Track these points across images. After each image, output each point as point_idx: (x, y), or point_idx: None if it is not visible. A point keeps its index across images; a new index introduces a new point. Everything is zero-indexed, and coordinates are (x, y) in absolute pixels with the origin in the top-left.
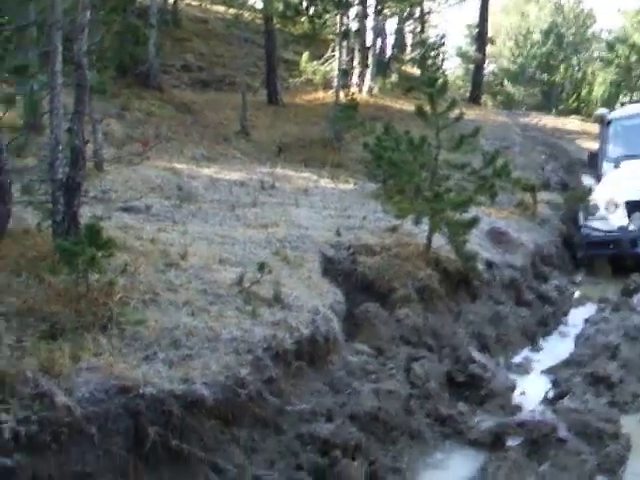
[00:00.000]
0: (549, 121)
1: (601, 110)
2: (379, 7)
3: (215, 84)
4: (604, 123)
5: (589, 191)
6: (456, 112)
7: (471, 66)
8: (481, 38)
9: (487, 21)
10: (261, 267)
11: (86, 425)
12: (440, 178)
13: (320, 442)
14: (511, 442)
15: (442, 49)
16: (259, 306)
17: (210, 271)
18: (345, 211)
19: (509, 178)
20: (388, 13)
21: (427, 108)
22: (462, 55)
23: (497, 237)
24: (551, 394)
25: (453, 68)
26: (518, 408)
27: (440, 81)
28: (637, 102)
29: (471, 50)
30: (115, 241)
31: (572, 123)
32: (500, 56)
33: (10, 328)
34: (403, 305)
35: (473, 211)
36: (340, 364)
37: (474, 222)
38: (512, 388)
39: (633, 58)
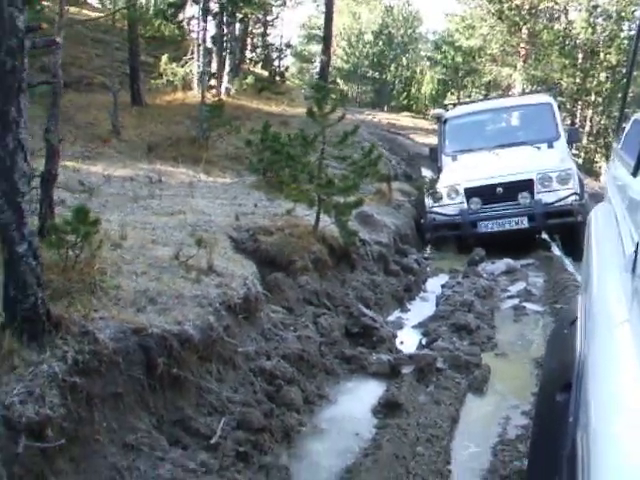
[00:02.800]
0: (383, 117)
1: (438, 110)
2: (233, 11)
3: (74, 85)
4: (441, 122)
5: (437, 179)
6: (339, 114)
7: (304, 64)
8: (326, 39)
9: (332, 22)
10: (198, 242)
11: (116, 356)
12: (326, 168)
13: (267, 374)
14: (404, 371)
15: (286, 50)
16: (199, 274)
17: (148, 250)
18: (235, 200)
19: (378, 168)
20: (238, 17)
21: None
22: (296, 55)
23: (364, 219)
24: (424, 341)
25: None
26: (402, 350)
27: (324, 89)
28: (468, 103)
29: (306, 49)
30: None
31: (405, 119)
32: (333, 55)
33: None
34: (302, 274)
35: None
36: (266, 319)
37: (360, 203)
38: (394, 337)
39: (459, 59)
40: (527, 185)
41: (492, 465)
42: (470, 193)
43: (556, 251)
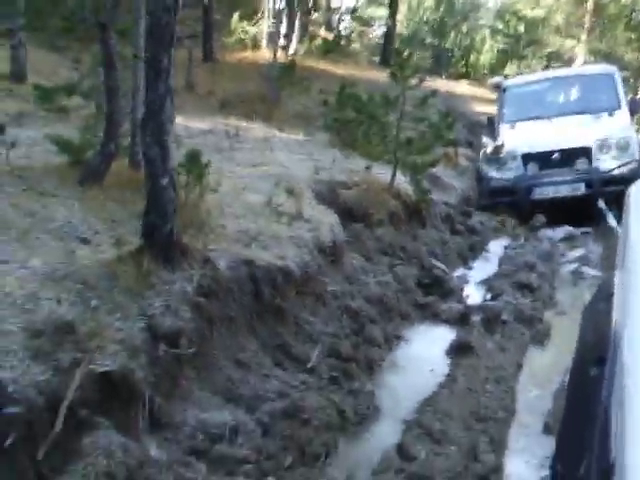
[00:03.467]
0: (441, 85)
1: (497, 78)
2: None
3: None
4: (500, 89)
5: (502, 145)
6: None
7: (364, 28)
8: (393, 3)
9: None
10: (289, 191)
11: (230, 284)
12: (405, 128)
13: (352, 312)
14: (474, 319)
15: (348, 14)
16: (290, 219)
17: (241, 196)
18: (312, 155)
19: (452, 131)
20: None
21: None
22: (356, 18)
23: (433, 180)
24: (489, 295)
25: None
26: (470, 302)
27: (405, 54)
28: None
29: (366, 13)
30: None
31: (463, 87)
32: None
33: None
34: (379, 226)
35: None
36: (349, 264)
37: (435, 163)
38: (462, 289)
39: (521, 29)
40: (585, 152)
41: (553, 408)
42: (527, 158)
43: (611, 220)
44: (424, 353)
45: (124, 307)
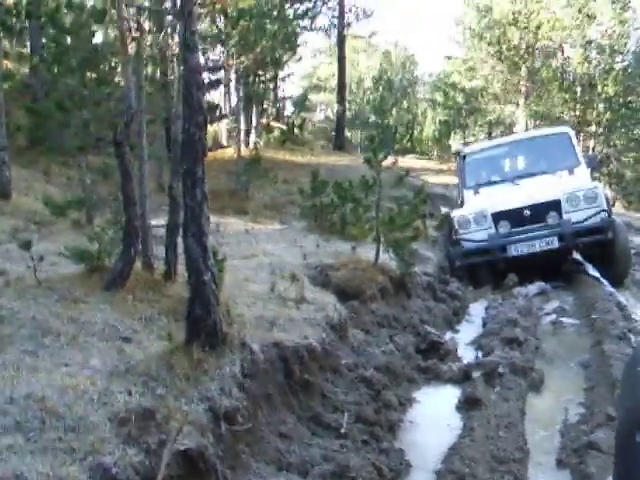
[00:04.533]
0: (389, 161)
1: (459, 146)
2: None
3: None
4: (460, 158)
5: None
6: (391, 160)
7: (307, 114)
8: (341, 89)
9: (345, 73)
10: (293, 277)
11: (266, 364)
12: (381, 208)
13: (366, 381)
14: (474, 375)
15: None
16: (296, 303)
17: (245, 286)
18: (295, 243)
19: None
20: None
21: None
22: (303, 107)
23: (411, 253)
24: (480, 353)
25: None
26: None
27: (377, 139)
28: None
29: (308, 100)
30: None
31: (411, 161)
32: (333, 103)
33: None
34: (372, 301)
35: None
36: (353, 338)
37: (415, 237)
38: (457, 350)
39: (460, 100)
40: (555, 205)
41: (561, 443)
42: (498, 217)
43: (590, 270)
44: (437, 410)
45: (186, 392)
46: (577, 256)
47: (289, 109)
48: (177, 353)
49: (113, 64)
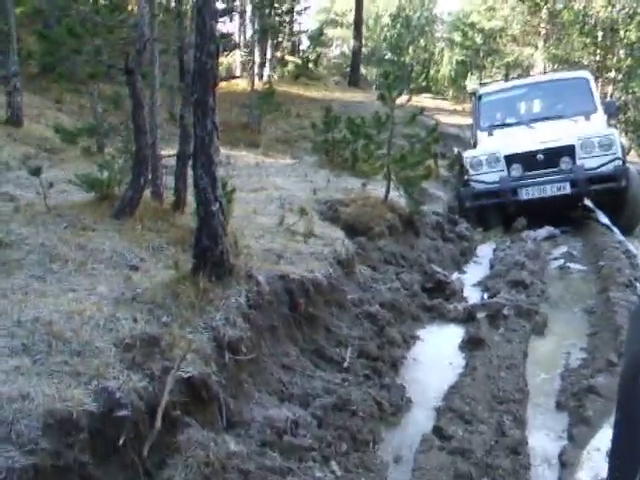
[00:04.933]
0: (404, 99)
1: (474, 86)
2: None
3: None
4: (475, 98)
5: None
6: (405, 98)
7: (322, 49)
8: (357, 24)
9: (362, 7)
10: (302, 211)
11: (271, 296)
12: (394, 145)
13: (371, 316)
14: (479, 316)
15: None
16: (305, 237)
17: (253, 218)
18: (306, 177)
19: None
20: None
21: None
22: (319, 42)
23: (421, 192)
24: (486, 295)
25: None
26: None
27: (391, 75)
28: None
29: (324, 35)
30: None
31: (426, 101)
32: (350, 38)
33: None
34: (380, 238)
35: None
36: (359, 274)
37: (427, 175)
38: (462, 291)
39: (479, 40)
40: (569, 151)
41: (561, 386)
42: (510, 160)
43: (602, 218)
44: (440, 349)
45: (191, 321)
46: (588, 202)
47: (305, 43)
48: (183, 282)
49: None
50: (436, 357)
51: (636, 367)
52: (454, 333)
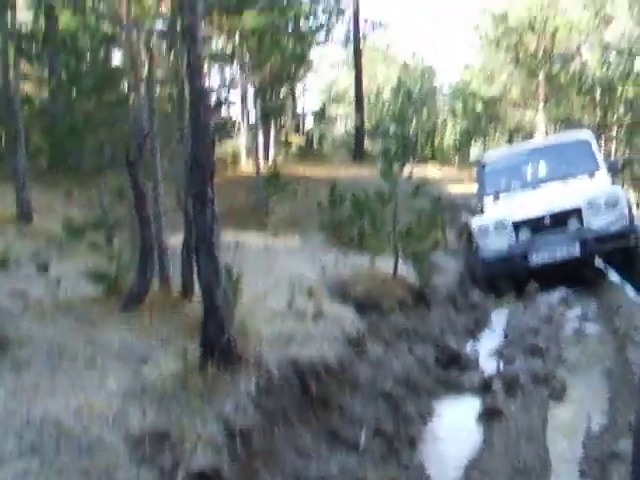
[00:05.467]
0: (410, 169)
1: (477, 157)
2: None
3: None
4: (479, 165)
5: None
6: (407, 171)
7: (327, 126)
8: (358, 100)
9: (362, 84)
10: (309, 293)
11: (282, 380)
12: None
13: (385, 394)
14: (495, 386)
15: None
16: (314, 318)
17: (263, 302)
18: (314, 257)
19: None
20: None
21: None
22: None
23: (430, 264)
24: (502, 363)
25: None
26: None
27: (392, 151)
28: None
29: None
30: None
31: (431, 170)
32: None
33: None
34: (391, 313)
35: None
36: (371, 352)
37: (435, 247)
38: (477, 360)
39: (480, 107)
40: (575, 213)
41: (585, 453)
42: (518, 226)
43: (614, 276)
44: (457, 422)
45: (201, 411)
46: (599, 262)
47: (310, 120)
48: (192, 372)
49: (127, 87)
50: (453, 431)
51: None
52: (471, 405)
